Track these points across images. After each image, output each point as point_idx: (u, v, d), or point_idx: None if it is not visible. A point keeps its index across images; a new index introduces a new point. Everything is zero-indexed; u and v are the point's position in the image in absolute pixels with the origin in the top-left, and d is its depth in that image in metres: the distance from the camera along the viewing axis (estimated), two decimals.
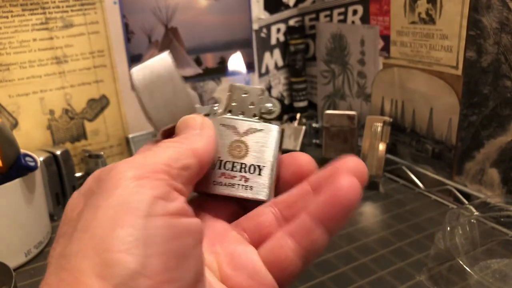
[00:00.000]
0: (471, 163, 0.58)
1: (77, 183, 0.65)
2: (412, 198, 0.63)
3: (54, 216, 0.61)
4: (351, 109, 0.78)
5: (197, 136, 0.23)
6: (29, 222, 0.52)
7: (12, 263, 0.45)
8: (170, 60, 0.25)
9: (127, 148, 0.72)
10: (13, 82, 0.62)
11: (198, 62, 0.76)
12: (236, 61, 0.30)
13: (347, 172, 0.22)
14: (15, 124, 0.63)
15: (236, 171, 0.25)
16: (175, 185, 0.20)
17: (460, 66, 0.56)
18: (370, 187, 0.66)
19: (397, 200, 0.62)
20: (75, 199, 0.21)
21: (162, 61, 0.26)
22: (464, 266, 0.41)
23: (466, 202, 0.58)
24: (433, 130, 0.63)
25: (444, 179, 0.62)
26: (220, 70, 0.78)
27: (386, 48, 0.67)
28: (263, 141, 0.25)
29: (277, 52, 0.84)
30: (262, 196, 0.25)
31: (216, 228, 0.24)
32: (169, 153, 0.21)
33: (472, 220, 0.48)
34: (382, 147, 0.64)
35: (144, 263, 0.17)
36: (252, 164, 0.25)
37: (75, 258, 0.17)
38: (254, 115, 0.26)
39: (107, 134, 0.71)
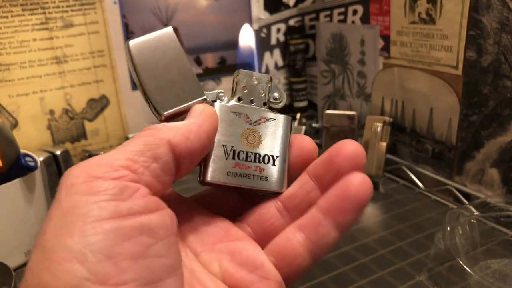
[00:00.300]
0: (471, 163, 0.58)
1: None
2: (412, 198, 0.63)
3: None
4: (351, 109, 0.78)
5: (181, 126, 0.22)
6: (29, 222, 0.52)
7: (12, 263, 0.45)
8: (174, 36, 0.24)
9: None
10: (13, 82, 0.62)
11: (198, 62, 0.76)
12: (246, 36, 0.28)
13: (347, 158, 0.22)
14: (15, 124, 0.63)
15: (250, 161, 0.24)
16: (138, 179, 0.19)
17: (460, 66, 0.56)
18: None
19: (397, 200, 0.62)
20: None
21: (166, 36, 0.23)
22: (464, 266, 0.40)
23: (466, 202, 0.58)
24: (433, 130, 0.63)
25: (444, 179, 0.62)
26: (220, 70, 0.78)
27: (386, 48, 0.67)
28: (275, 131, 0.25)
29: (277, 52, 0.84)
30: (277, 187, 0.24)
31: (217, 226, 0.24)
32: (136, 145, 0.20)
33: (472, 220, 0.48)
34: (382, 147, 0.64)
35: (94, 269, 0.17)
36: (266, 154, 0.24)
37: (30, 273, 0.17)
38: (264, 104, 0.25)
39: (107, 134, 0.71)
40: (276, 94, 0.26)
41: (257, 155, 0.24)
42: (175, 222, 0.20)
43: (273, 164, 0.24)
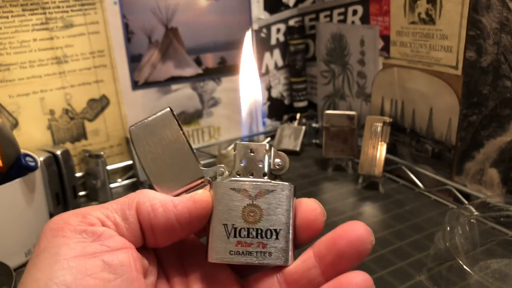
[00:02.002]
0: (471, 163, 0.58)
1: (77, 183, 0.65)
2: (412, 198, 0.63)
3: None
4: (351, 109, 0.78)
5: (163, 199, 0.23)
6: (29, 222, 0.52)
7: (12, 263, 0.45)
8: (172, 117, 0.24)
9: (127, 148, 0.72)
10: (13, 82, 0.62)
11: (198, 62, 0.76)
12: (250, 89, 0.28)
13: (350, 244, 0.22)
14: (15, 124, 0.63)
15: (252, 237, 0.24)
16: (102, 229, 0.22)
17: (460, 66, 0.56)
18: (370, 187, 0.66)
19: (397, 200, 0.62)
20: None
21: (164, 119, 0.24)
22: (464, 266, 0.41)
23: (466, 202, 0.58)
24: (433, 130, 0.63)
25: (444, 179, 0.62)
26: (220, 70, 0.78)
27: (386, 48, 0.67)
28: (276, 202, 0.24)
29: (277, 52, 0.84)
30: (281, 261, 0.24)
31: (221, 283, 0.25)
32: (117, 203, 0.23)
33: (472, 220, 0.48)
34: (382, 147, 0.64)
35: None
36: (268, 229, 0.24)
37: None
38: (264, 175, 0.25)
39: (107, 134, 0.71)
40: (278, 161, 0.25)
41: (259, 231, 0.24)
42: (138, 260, 0.22)
43: (276, 238, 0.24)
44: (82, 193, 0.68)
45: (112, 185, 0.70)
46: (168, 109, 0.24)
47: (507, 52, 0.50)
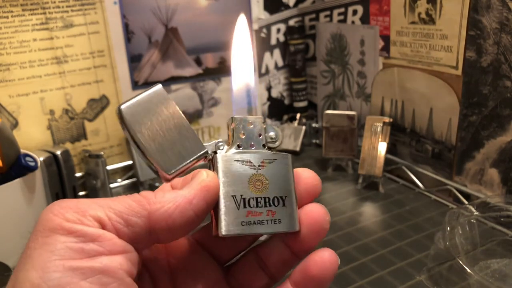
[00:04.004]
0: (471, 163, 0.58)
1: (77, 183, 0.65)
2: (412, 198, 0.63)
3: None
4: (351, 109, 0.78)
5: (173, 198, 0.22)
6: (29, 222, 0.52)
7: (12, 263, 0.45)
8: (165, 93, 0.23)
9: (127, 148, 0.72)
10: (13, 82, 0.62)
11: (198, 62, 0.76)
12: (242, 66, 0.28)
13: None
14: (15, 124, 0.63)
15: (261, 206, 0.24)
16: (106, 228, 0.21)
17: (460, 66, 0.56)
18: (370, 187, 0.66)
19: (397, 200, 0.62)
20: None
21: (156, 94, 0.23)
22: (464, 266, 0.41)
23: (466, 202, 0.58)
24: (433, 130, 0.63)
25: (444, 179, 0.62)
26: (220, 70, 0.78)
27: (386, 48, 0.67)
28: (279, 171, 0.25)
29: (277, 52, 0.84)
30: (291, 227, 0.24)
31: (208, 278, 0.26)
32: (121, 205, 0.21)
33: (472, 220, 0.48)
34: (382, 147, 0.64)
35: None
36: (275, 196, 0.25)
37: None
38: (263, 146, 0.26)
39: (107, 134, 0.71)
40: (272, 134, 0.26)
41: (267, 199, 0.24)
42: (135, 265, 0.22)
43: (284, 205, 0.25)
44: (82, 193, 0.68)
45: (112, 185, 0.70)
46: (160, 85, 0.23)
47: (507, 52, 0.50)
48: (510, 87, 0.51)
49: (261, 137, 0.26)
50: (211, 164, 0.25)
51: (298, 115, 0.85)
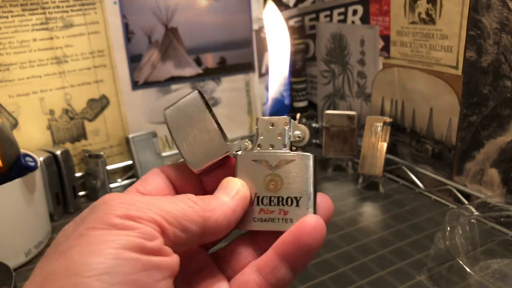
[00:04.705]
0: (471, 163, 0.58)
1: (77, 183, 0.65)
2: (412, 198, 0.63)
3: (54, 216, 0.61)
4: (351, 109, 0.78)
5: (220, 206, 0.24)
6: (29, 222, 0.52)
7: (12, 263, 0.45)
8: (200, 99, 0.26)
9: (127, 148, 0.72)
10: (13, 82, 0.62)
11: (198, 62, 0.76)
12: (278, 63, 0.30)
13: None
14: (15, 124, 0.63)
15: (273, 205, 0.26)
16: (159, 234, 0.22)
17: (460, 66, 0.56)
18: (370, 187, 0.66)
19: (397, 200, 0.62)
20: (69, 224, 0.23)
21: (193, 101, 0.26)
22: (464, 266, 0.41)
23: (466, 202, 0.58)
24: (433, 130, 0.63)
25: (444, 179, 0.62)
26: (220, 70, 0.78)
27: (386, 48, 0.67)
28: (296, 171, 0.26)
29: None
30: None
31: (197, 263, 0.26)
32: (175, 208, 0.23)
33: (472, 220, 0.48)
34: (382, 147, 0.64)
35: None
36: (289, 196, 0.26)
37: (48, 278, 0.19)
38: (284, 146, 0.27)
39: (107, 134, 0.71)
40: (298, 133, 0.27)
41: (280, 199, 0.26)
42: (178, 266, 0.23)
43: (297, 206, 0.26)
44: (82, 193, 0.68)
45: (112, 185, 0.70)
46: (197, 91, 0.27)
47: (507, 52, 0.50)
48: (510, 87, 0.51)
49: (281, 137, 0.27)
50: (235, 161, 0.27)
51: (298, 115, 0.85)
